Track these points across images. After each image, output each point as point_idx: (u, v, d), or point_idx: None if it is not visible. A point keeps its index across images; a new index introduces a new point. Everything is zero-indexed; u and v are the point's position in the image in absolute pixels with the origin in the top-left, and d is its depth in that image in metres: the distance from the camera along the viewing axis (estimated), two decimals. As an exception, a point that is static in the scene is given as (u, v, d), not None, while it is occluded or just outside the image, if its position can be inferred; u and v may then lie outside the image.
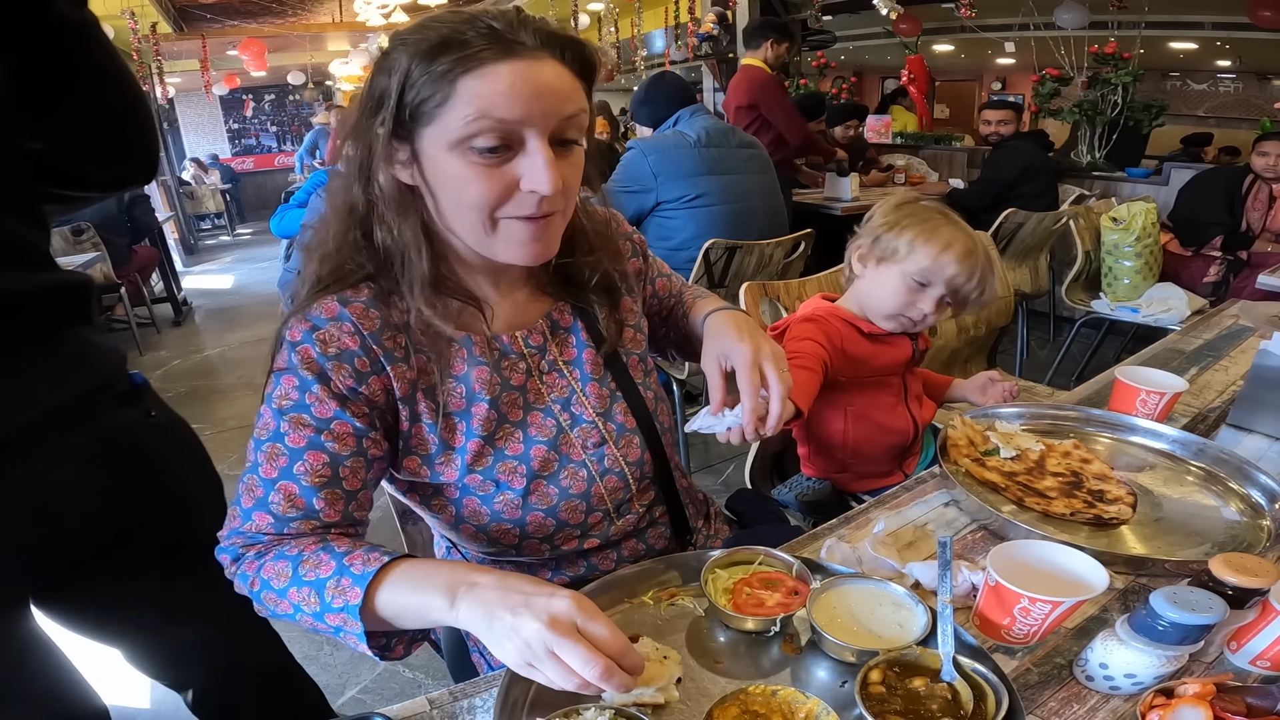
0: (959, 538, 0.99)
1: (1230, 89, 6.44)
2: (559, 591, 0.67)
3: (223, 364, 4.77)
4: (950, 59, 8.14)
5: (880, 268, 1.35)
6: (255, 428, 0.82)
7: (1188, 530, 0.99)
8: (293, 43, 9.26)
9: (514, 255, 0.82)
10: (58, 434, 0.88)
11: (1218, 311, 1.97)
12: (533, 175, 0.76)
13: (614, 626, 0.65)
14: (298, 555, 0.77)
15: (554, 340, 0.96)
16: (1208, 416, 1.35)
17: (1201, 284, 3.39)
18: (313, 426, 0.80)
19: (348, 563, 0.75)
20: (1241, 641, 0.75)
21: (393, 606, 0.73)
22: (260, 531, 0.81)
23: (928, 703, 0.68)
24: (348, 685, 1.99)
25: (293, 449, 0.80)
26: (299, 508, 0.80)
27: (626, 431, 0.98)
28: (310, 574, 0.75)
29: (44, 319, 0.88)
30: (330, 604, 0.73)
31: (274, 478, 0.80)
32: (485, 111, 0.73)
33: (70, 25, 0.83)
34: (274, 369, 0.83)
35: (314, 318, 0.81)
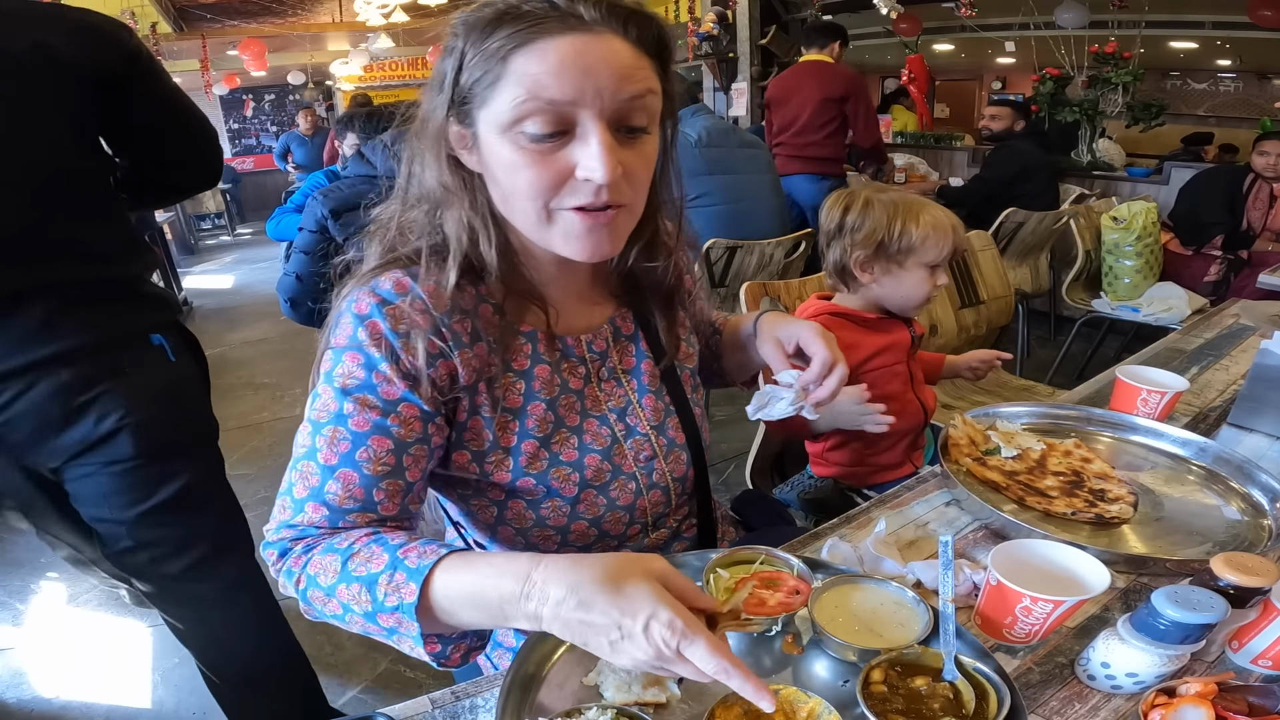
0: (960, 537, 0.99)
1: (1230, 88, 6.44)
2: (656, 614, 0.58)
3: (223, 364, 4.76)
4: (950, 58, 8.14)
5: (899, 271, 1.39)
6: (311, 409, 0.77)
7: (1189, 529, 0.99)
8: (293, 43, 9.27)
9: (571, 249, 0.76)
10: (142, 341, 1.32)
11: (1218, 311, 1.97)
12: (587, 161, 0.69)
13: (710, 636, 0.58)
14: (348, 549, 0.71)
15: (615, 347, 0.93)
16: (1209, 416, 1.35)
17: (1202, 283, 3.39)
18: (379, 409, 0.75)
19: (402, 555, 0.68)
20: (1243, 641, 0.75)
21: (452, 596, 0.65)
22: (313, 525, 0.75)
23: (929, 702, 0.68)
24: (349, 685, 1.99)
25: (356, 433, 0.75)
26: (357, 499, 0.75)
27: (676, 447, 0.96)
28: (361, 569, 0.69)
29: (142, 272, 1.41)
30: (383, 602, 0.67)
31: (334, 464, 0.75)
32: (534, 92, 0.68)
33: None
34: (333, 344, 0.78)
35: (383, 291, 0.77)
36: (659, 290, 0.95)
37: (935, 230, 1.36)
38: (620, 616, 0.58)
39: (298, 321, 2.32)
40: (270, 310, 5.88)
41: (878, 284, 1.42)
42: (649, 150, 0.76)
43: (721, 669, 0.56)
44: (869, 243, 1.38)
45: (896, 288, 1.41)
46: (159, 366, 1.34)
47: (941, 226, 1.37)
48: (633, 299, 0.96)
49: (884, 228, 1.36)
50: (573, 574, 0.60)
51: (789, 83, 3.92)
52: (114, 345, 1.27)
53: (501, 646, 0.99)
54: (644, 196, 0.80)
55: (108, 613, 2.35)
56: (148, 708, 1.95)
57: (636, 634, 0.57)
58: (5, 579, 2.54)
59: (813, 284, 1.80)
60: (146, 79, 1.28)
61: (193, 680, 2.02)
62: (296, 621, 1.79)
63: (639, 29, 0.71)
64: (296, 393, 4.08)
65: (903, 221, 1.36)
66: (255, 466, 3.25)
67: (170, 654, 2.13)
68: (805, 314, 1.47)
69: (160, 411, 1.31)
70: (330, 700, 1.94)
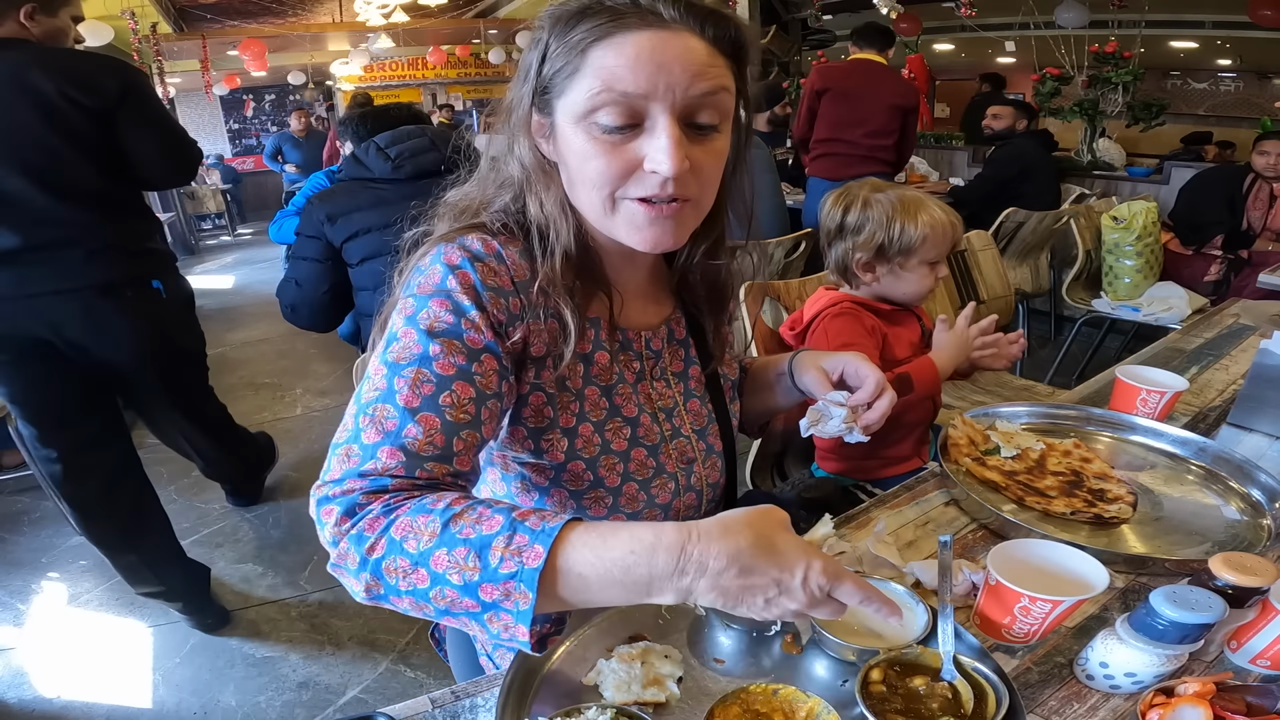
0: (959, 537, 1.00)
1: (1231, 88, 6.43)
2: (812, 563, 0.61)
3: (224, 364, 4.76)
4: (950, 58, 8.12)
5: (901, 270, 1.43)
6: (386, 352, 0.73)
7: (1188, 529, 0.99)
8: (293, 43, 9.26)
9: (634, 239, 0.77)
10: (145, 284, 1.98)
11: (1218, 310, 1.97)
12: (655, 154, 0.71)
13: (857, 581, 0.62)
14: (446, 508, 0.63)
15: (669, 349, 0.95)
16: (1208, 415, 1.35)
17: (1202, 283, 3.39)
18: (465, 354, 0.73)
19: (519, 518, 0.62)
20: (1241, 640, 0.75)
21: (589, 568, 0.60)
22: (388, 473, 0.68)
23: (928, 701, 0.68)
24: (349, 685, 2.00)
25: (441, 376, 0.71)
26: (437, 446, 0.70)
27: (714, 454, 0.98)
28: (469, 530, 0.61)
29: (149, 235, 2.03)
30: (497, 568, 0.59)
31: (416, 406, 0.70)
32: (608, 84, 0.70)
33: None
34: (418, 291, 0.76)
35: (473, 248, 0.78)
36: (715, 290, 0.97)
37: (934, 229, 1.38)
38: (780, 574, 0.60)
39: (298, 326, 2.32)
40: (271, 311, 5.86)
41: (879, 282, 1.46)
42: (719, 148, 0.77)
43: (867, 599, 0.62)
44: (869, 245, 1.41)
45: (898, 285, 1.45)
46: (154, 302, 2.02)
47: (939, 224, 1.39)
48: (686, 300, 0.98)
49: (883, 230, 1.39)
50: (729, 543, 0.60)
51: (853, 80, 3.75)
52: (125, 283, 1.92)
53: (503, 646, 0.99)
54: (712, 194, 0.81)
55: (108, 613, 2.35)
56: (148, 707, 1.95)
57: (795, 587, 0.60)
58: (6, 579, 2.55)
59: (812, 284, 1.80)
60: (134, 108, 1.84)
61: (193, 680, 2.03)
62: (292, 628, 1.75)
63: (715, 28, 0.73)
64: (297, 393, 4.08)
65: (901, 222, 1.38)
66: (256, 466, 3.25)
67: (171, 654, 2.14)
68: (819, 304, 1.50)
69: (151, 329, 2.00)
70: (329, 700, 1.95)
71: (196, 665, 2.09)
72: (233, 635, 2.21)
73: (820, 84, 3.76)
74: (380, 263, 2.03)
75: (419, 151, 2.10)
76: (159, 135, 1.92)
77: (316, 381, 4.22)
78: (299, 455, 3.33)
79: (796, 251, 2.91)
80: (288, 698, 1.96)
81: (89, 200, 1.82)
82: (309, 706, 1.93)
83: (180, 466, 3.27)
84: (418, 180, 2.09)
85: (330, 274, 2.15)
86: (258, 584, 2.46)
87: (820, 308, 1.49)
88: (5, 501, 3.04)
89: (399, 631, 2.18)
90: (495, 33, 9.46)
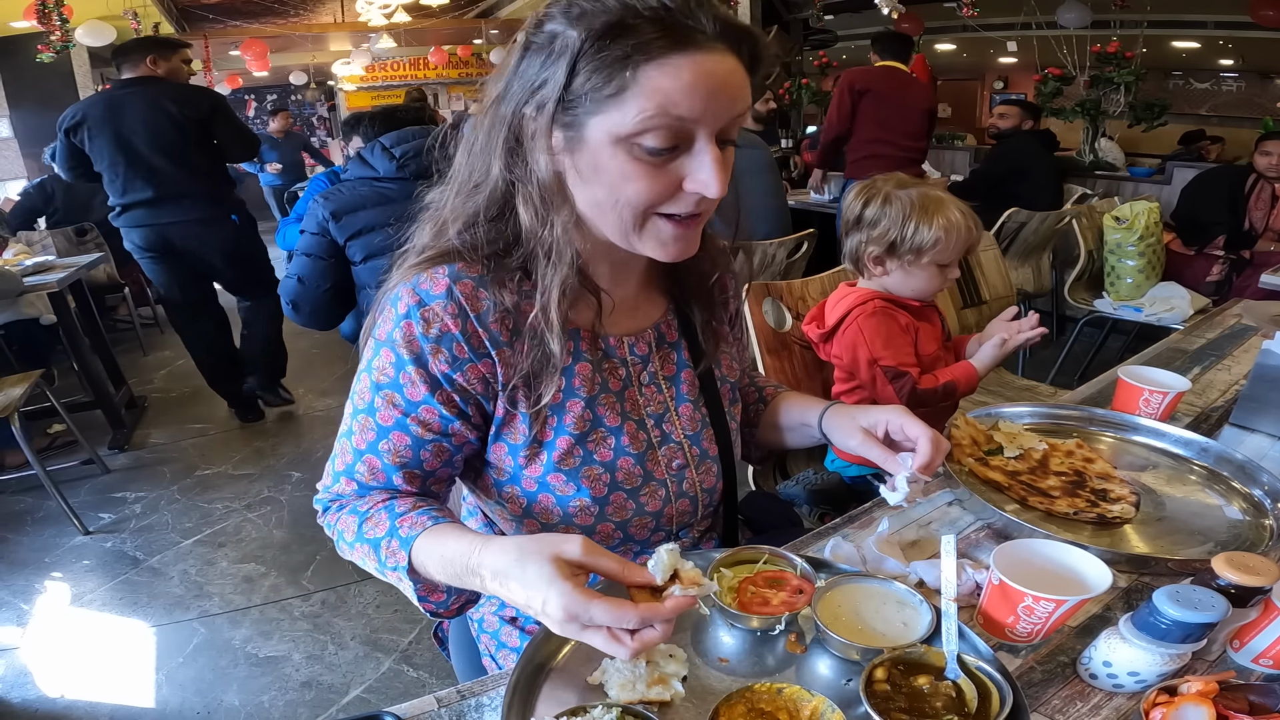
0: (963, 537, 1.00)
1: (1233, 88, 6.42)
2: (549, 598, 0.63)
3: (226, 364, 4.77)
4: (952, 58, 8.11)
5: (910, 268, 1.44)
6: (354, 390, 0.85)
7: (1190, 529, 0.99)
8: (294, 43, 9.27)
9: (661, 253, 0.79)
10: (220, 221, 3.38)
11: (1220, 311, 1.97)
12: (702, 176, 0.72)
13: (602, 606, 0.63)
14: (364, 513, 0.83)
15: (658, 353, 0.94)
16: (1210, 416, 1.35)
17: (1204, 283, 3.39)
18: (401, 408, 0.82)
19: (398, 525, 0.79)
20: (1244, 640, 0.75)
21: (432, 565, 0.76)
22: (345, 494, 0.87)
23: (932, 700, 0.68)
24: (352, 685, 2.00)
25: (381, 426, 0.83)
26: (380, 480, 0.85)
27: (708, 458, 0.97)
28: (370, 532, 0.81)
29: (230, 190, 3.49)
30: (385, 562, 0.79)
31: (362, 449, 0.84)
32: (664, 108, 0.68)
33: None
34: (376, 335, 0.83)
35: (422, 291, 0.79)
36: (704, 286, 0.97)
37: (948, 232, 1.39)
38: (528, 596, 0.66)
39: (299, 324, 2.33)
40: (272, 310, 5.87)
41: (889, 276, 1.48)
42: (731, 158, 0.78)
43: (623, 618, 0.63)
44: (882, 240, 1.42)
45: (906, 281, 1.47)
46: (232, 227, 3.38)
47: (955, 227, 1.39)
48: (677, 295, 0.97)
49: (898, 227, 1.40)
50: (498, 558, 0.69)
51: (891, 84, 3.83)
52: (214, 217, 3.28)
53: (506, 647, 0.99)
54: None
55: (112, 613, 2.36)
56: (151, 707, 1.96)
57: (540, 613, 0.65)
58: (10, 579, 2.55)
59: (815, 285, 1.80)
60: (221, 117, 3.22)
61: (196, 680, 2.03)
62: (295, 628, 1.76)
63: (750, 48, 0.73)
64: (299, 392, 4.09)
65: (916, 222, 1.39)
66: (257, 466, 3.26)
67: (174, 653, 2.14)
68: (848, 302, 1.50)
69: (230, 242, 3.37)
70: (332, 699, 1.95)
71: (200, 665, 2.10)
72: (236, 635, 2.21)
73: (862, 85, 3.82)
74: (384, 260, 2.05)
75: (424, 151, 2.13)
76: (233, 134, 3.32)
77: (318, 382, 4.22)
78: (300, 455, 3.34)
79: (799, 252, 2.91)
80: (291, 697, 1.96)
81: (195, 171, 3.21)
82: (312, 706, 1.93)
83: (183, 468, 3.28)
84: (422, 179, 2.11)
85: (333, 272, 2.17)
86: (260, 583, 2.46)
87: (850, 305, 1.49)
88: (8, 501, 3.05)
89: (402, 631, 2.18)
90: (497, 33, 9.45)
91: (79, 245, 4.43)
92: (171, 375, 4.58)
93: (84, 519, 2.84)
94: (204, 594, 2.42)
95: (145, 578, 2.52)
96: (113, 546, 2.72)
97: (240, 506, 2.95)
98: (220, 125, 3.22)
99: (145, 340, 5.11)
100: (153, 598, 2.41)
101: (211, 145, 3.25)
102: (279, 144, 7.64)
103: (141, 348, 5.00)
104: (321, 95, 12.29)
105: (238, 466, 3.28)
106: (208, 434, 3.66)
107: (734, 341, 1.07)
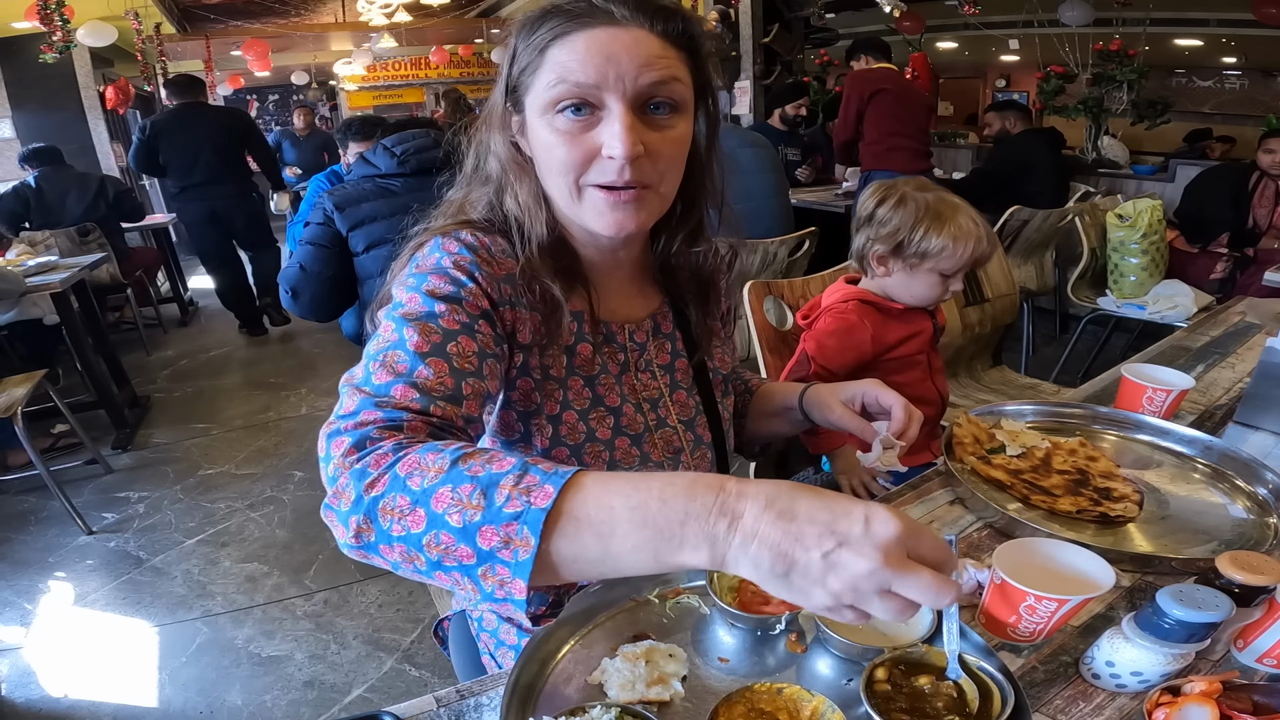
0: (964, 536, 0.99)
1: (1236, 86, 6.40)
2: (872, 511, 0.50)
3: (229, 363, 4.78)
4: (954, 56, 8.11)
5: (912, 272, 1.44)
6: (396, 310, 0.76)
7: (1194, 528, 0.99)
8: (296, 43, 9.28)
9: (597, 224, 0.81)
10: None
11: (1224, 308, 1.96)
12: (609, 139, 0.76)
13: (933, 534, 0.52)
14: (457, 449, 0.60)
15: (654, 342, 0.98)
16: (1214, 414, 1.34)
17: (1208, 281, 3.38)
18: (466, 315, 0.77)
19: (532, 462, 0.58)
20: (1248, 639, 0.75)
21: (621, 499, 0.53)
22: (403, 407, 0.67)
23: (933, 700, 0.68)
24: (354, 684, 2.00)
25: (447, 329, 0.74)
26: (447, 387, 0.71)
27: (702, 445, 1.00)
28: (479, 468, 0.57)
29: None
30: (501, 507, 0.54)
31: (426, 351, 0.71)
32: (562, 76, 0.75)
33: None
34: (417, 270, 0.81)
35: (465, 239, 0.83)
36: (698, 281, 1.00)
37: (956, 241, 1.38)
38: (833, 519, 0.49)
39: (296, 313, 2.35)
40: (275, 310, 5.88)
41: (890, 278, 1.47)
42: (676, 136, 0.80)
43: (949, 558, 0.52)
44: (890, 240, 1.42)
45: (906, 286, 1.46)
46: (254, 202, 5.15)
47: (965, 237, 1.38)
48: (671, 291, 1.00)
49: (907, 230, 1.40)
50: (766, 487, 0.52)
51: (897, 82, 4.00)
52: (242, 194, 4.99)
53: (506, 645, 0.99)
54: (674, 180, 0.84)
55: (115, 612, 2.36)
56: (154, 707, 1.96)
57: (856, 536, 0.49)
58: (13, 578, 2.56)
59: (816, 283, 1.80)
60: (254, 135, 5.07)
61: (199, 679, 2.04)
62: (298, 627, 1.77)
63: (665, 23, 0.78)
64: (302, 391, 4.10)
65: (926, 228, 1.38)
66: (260, 466, 3.26)
67: (177, 653, 2.14)
68: (834, 296, 1.53)
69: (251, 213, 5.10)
70: (335, 699, 1.95)
71: (203, 664, 2.10)
72: (238, 634, 2.21)
73: (873, 86, 3.93)
74: (386, 249, 2.12)
75: (423, 149, 2.21)
76: (259, 148, 5.06)
77: (320, 381, 4.23)
78: (303, 454, 3.34)
79: (800, 250, 2.90)
80: (293, 696, 1.97)
81: (232, 165, 4.81)
82: (314, 705, 1.93)
83: (186, 467, 3.29)
84: (422, 175, 2.19)
85: (334, 261, 2.21)
86: (263, 583, 2.46)
87: (832, 301, 1.52)
88: (11, 501, 3.06)
89: (404, 630, 2.18)
90: (498, 32, 9.44)
91: (82, 245, 4.44)
92: (175, 374, 4.59)
93: (87, 519, 2.84)
94: (207, 593, 2.42)
95: (148, 577, 2.53)
96: (116, 546, 2.72)
97: (243, 506, 2.95)
98: (251, 140, 4.99)
99: (149, 340, 5.12)
100: (156, 597, 2.41)
101: (241, 148, 4.92)
102: (300, 142, 7.65)
103: (144, 348, 5.01)
104: (323, 95, 12.29)
105: (240, 466, 3.28)
106: (210, 434, 3.66)
107: (725, 339, 1.10)
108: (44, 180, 4.55)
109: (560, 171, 0.79)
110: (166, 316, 5.68)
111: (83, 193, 4.61)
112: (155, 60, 6.90)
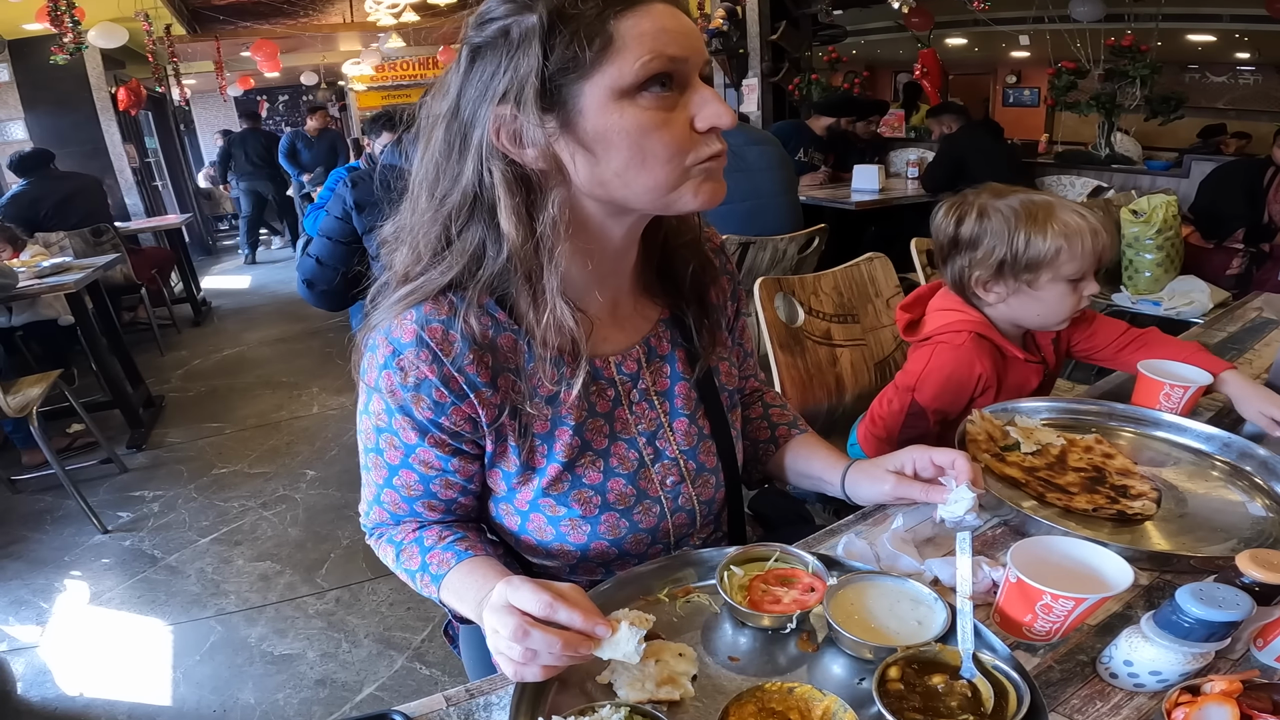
0: (979, 534, 0.98)
1: (1250, 81, 6.33)
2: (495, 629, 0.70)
3: (242, 363, 4.81)
4: (964, 52, 8.05)
5: (1032, 289, 1.23)
6: (361, 430, 0.88)
7: (1213, 526, 0.97)
8: (305, 43, 9.32)
9: (697, 200, 0.75)
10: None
11: (1241, 304, 1.94)
12: (710, 109, 0.72)
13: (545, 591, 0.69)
14: (400, 543, 0.90)
15: (649, 369, 0.92)
16: (1232, 410, 1.33)
17: (1224, 277, 3.34)
18: (401, 450, 0.85)
19: (429, 560, 0.85)
20: (1268, 639, 0.74)
21: (455, 602, 0.83)
22: (381, 522, 0.93)
23: (947, 700, 0.67)
24: (365, 683, 2.01)
25: (390, 465, 0.86)
26: (403, 510, 0.90)
27: (706, 471, 0.96)
28: (407, 563, 0.88)
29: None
30: (423, 590, 0.86)
31: (380, 483, 0.89)
32: (657, 50, 0.69)
33: None
34: (365, 380, 0.83)
35: (394, 340, 0.78)
36: (697, 282, 0.95)
37: (1069, 238, 1.18)
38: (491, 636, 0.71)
39: (311, 303, 2.37)
40: (287, 310, 5.93)
41: (1005, 304, 1.27)
42: None
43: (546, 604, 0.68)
44: (989, 261, 1.23)
45: (1030, 307, 1.26)
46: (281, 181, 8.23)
47: (1076, 231, 1.19)
48: (671, 300, 0.95)
49: (1005, 243, 1.21)
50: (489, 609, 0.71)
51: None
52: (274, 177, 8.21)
53: None
54: None
55: (130, 611, 2.38)
56: (169, 705, 1.97)
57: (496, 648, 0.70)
58: (29, 577, 2.58)
59: (827, 279, 1.78)
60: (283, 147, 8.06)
61: (213, 678, 2.05)
62: (310, 625, 1.75)
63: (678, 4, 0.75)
64: (314, 390, 4.12)
65: (1027, 233, 1.20)
66: (273, 465, 3.28)
67: (191, 652, 2.16)
68: (944, 319, 1.32)
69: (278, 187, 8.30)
70: (346, 697, 1.96)
71: (216, 663, 2.11)
72: (251, 633, 2.23)
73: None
74: None
75: None
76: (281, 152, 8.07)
77: (332, 380, 4.24)
78: (315, 453, 3.35)
79: (810, 247, 2.89)
80: (305, 695, 1.97)
81: (267, 162, 8.10)
82: (326, 704, 1.94)
83: (200, 466, 3.31)
84: None
85: (349, 256, 2.23)
86: (276, 581, 2.48)
87: (946, 325, 1.32)
88: (28, 500, 3.09)
89: (415, 629, 2.19)
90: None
91: (96, 246, 4.48)
92: (189, 374, 4.63)
93: (102, 518, 2.87)
94: (220, 592, 2.44)
95: (163, 576, 2.54)
96: (131, 545, 2.75)
97: (256, 505, 2.97)
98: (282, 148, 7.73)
99: (163, 340, 5.17)
100: (170, 596, 2.43)
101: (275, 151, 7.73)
102: (312, 142, 7.90)
103: (159, 348, 5.05)
104: (332, 95, 12.34)
105: (253, 465, 3.30)
106: (224, 433, 3.69)
107: (732, 350, 1.04)
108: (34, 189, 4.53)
109: (665, 157, 0.72)
110: (180, 316, 5.73)
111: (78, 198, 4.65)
112: (166, 61, 6.94)
